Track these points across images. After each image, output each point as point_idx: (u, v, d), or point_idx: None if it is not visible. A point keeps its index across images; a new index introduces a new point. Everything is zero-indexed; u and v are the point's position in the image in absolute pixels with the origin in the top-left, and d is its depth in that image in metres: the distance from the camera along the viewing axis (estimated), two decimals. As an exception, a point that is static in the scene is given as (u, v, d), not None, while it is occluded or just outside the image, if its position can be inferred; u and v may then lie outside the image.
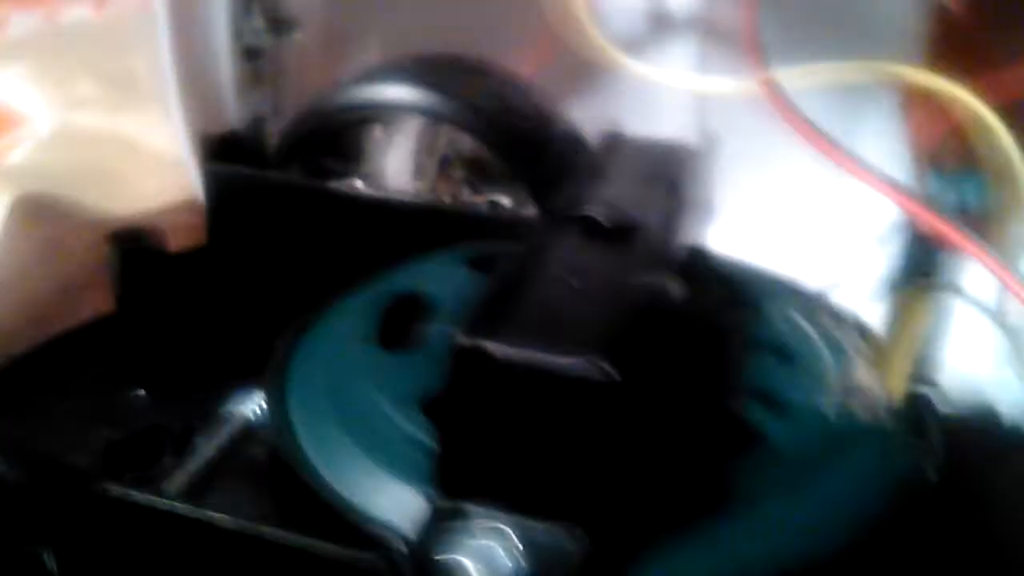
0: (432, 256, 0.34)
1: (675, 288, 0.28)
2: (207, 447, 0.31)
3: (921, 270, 0.33)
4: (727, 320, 0.30)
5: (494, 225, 0.39)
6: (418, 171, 0.46)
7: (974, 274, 0.31)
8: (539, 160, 0.43)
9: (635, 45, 0.66)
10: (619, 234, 0.27)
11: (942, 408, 0.33)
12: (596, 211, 0.27)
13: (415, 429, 0.25)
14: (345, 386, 0.28)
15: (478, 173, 0.47)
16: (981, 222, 0.38)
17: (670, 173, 0.31)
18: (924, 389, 0.33)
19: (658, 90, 0.57)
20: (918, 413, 0.29)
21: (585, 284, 0.24)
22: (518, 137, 0.44)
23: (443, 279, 0.32)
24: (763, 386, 0.28)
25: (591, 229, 0.27)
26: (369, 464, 0.25)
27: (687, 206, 0.30)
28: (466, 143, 0.46)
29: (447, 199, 0.45)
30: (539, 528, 0.22)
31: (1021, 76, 0.53)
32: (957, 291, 0.34)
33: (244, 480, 0.30)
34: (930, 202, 0.31)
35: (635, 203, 0.28)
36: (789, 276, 0.36)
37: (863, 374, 0.29)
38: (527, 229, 0.28)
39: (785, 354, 0.30)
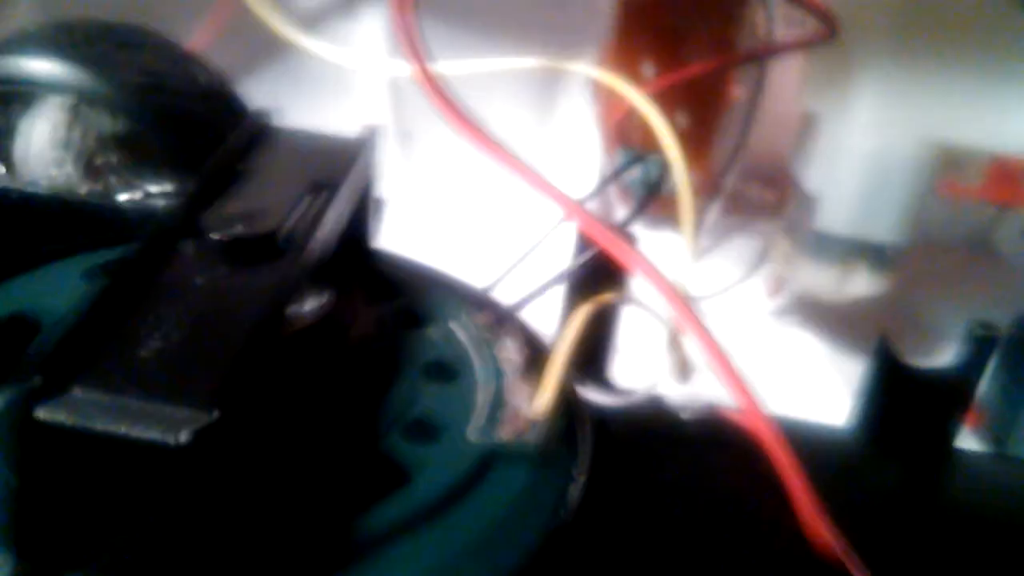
0: (47, 265, 0.30)
1: (313, 312, 0.25)
2: None
3: (592, 273, 0.32)
4: (380, 340, 0.27)
5: (130, 224, 0.34)
6: (58, 158, 0.41)
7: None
8: (200, 145, 0.39)
9: (325, 23, 0.63)
10: (242, 247, 0.23)
11: (607, 407, 0.33)
12: (215, 221, 0.24)
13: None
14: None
15: (132, 160, 0.41)
16: (665, 196, 0.38)
17: (327, 169, 0.28)
18: (589, 391, 0.33)
19: (349, 72, 0.54)
20: (571, 425, 0.27)
21: (185, 315, 0.21)
22: (175, 118, 0.40)
23: (55, 294, 0.28)
24: (415, 414, 0.26)
25: (207, 242, 0.23)
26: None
27: (342, 205, 0.27)
28: (117, 125, 0.41)
29: (90, 190, 0.40)
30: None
31: (694, 59, 0.54)
32: (622, 295, 0.33)
33: None
34: (589, 210, 0.30)
35: (271, 207, 0.25)
36: (453, 274, 0.34)
37: (515, 388, 0.27)
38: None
39: (442, 373, 0.28)
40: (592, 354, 0.36)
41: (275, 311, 0.22)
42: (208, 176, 0.26)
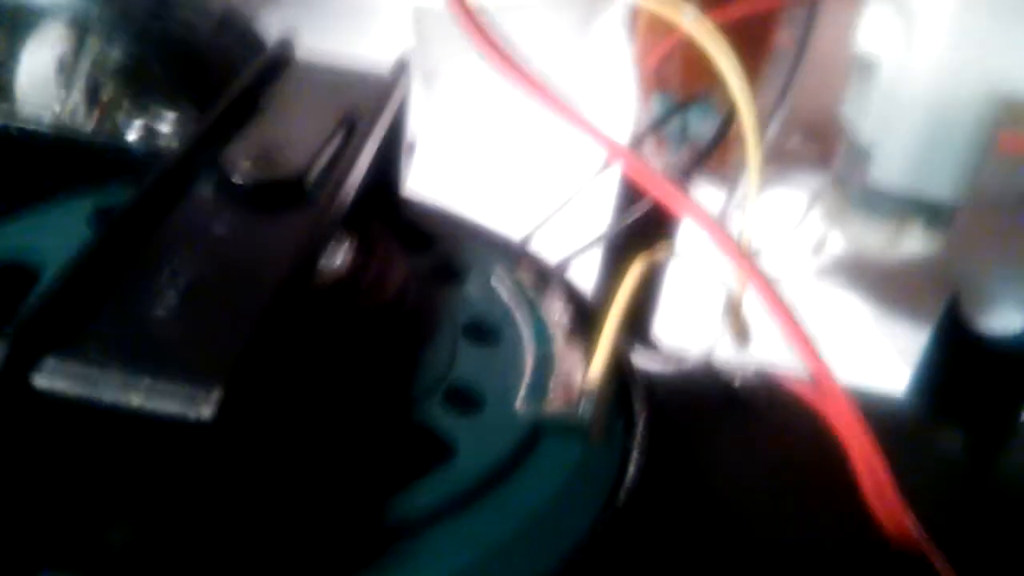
0: (50, 206, 0.27)
1: (343, 265, 0.22)
2: None
3: (639, 227, 0.29)
4: (416, 299, 0.25)
5: (139, 165, 0.31)
6: (62, 91, 0.38)
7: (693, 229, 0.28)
8: (213, 79, 0.36)
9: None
10: (267, 192, 0.21)
11: (659, 374, 0.30)
12: (235, 161, 0.21)
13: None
14: None
15: (140, 94, 0.39)
16: (707, 148, 0.35)
17: (358, 105, 0.25)
18: (640, 355, 0.30)
19: (372, 4, 0.50)
20: (624, 390, 0.25)
21: (203, 269, 0.18)
22: (185, 48, 0.37)
23: (57, 239, 0.25)
24: (456, 381, 0.23)
25: (227, 185, 0.21)
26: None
27: (373, 147, 0.25)
28: (124, 55, 0.38)
29: (96, 127, 0.37)
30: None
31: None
32: (674, 249, 0.30)
33: None
34: (640, 155, 0.27)
35: (296, 147, 0.22)
36: (493, 225, 0.31)
37: (565, 353, 0.24)
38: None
39: (483, 335, 0.25)
40: (637, 315, 0.34)
41: (305, 265, 0.19)
42: (226, 108, 0.23)
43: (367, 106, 0.25)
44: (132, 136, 0.38)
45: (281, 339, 0.17)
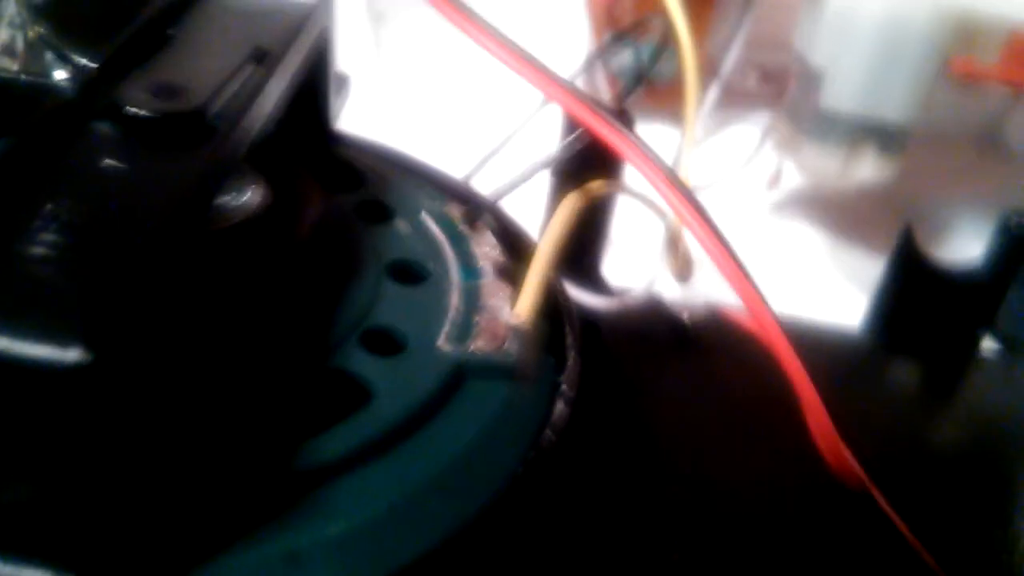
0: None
1: (252, 203, 0.21)
2: None
3: (583, 162, 0.28)
4: (337, 236, 0.24)
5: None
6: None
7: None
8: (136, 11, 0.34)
9: None
10: (164, 126, 0.19)
11: (603, 310, 0.30)
12: (133, 94, 0.20)
13: None
14: None
15: (65, 30, 0.37)
16: (659, 85, 0.34)
17: (271, 36, 0.23)
18: (582, 293, 0.29)
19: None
20: (557, 331, 0.24)
21: (87, 206, 0.17)
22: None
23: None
24: (378, 322, 0.22)
25: (123, 119, 0.19)
26: None
27: (283, 80, 0.23)
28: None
29: (22, 67, 0.36)
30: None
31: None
32: (615, 184, 0.29)
33: None
34: (576, 89, 0.25)
35: (200, 79, 0.21)
36: (426, 161, 0.30)
37: (493, 289, 0.23)
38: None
39: (409, 274, 0.24)
40: (582, 251, 0.33)
41: (196, 200, 0.18)
42: (129, 41, 0.22)
43: (282, 35, 0.23)
44: (60, 75, 0.36)
45: (168, 279, 0.16)
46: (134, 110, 0.19)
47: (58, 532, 0.15)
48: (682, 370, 0.31)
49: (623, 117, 0.28)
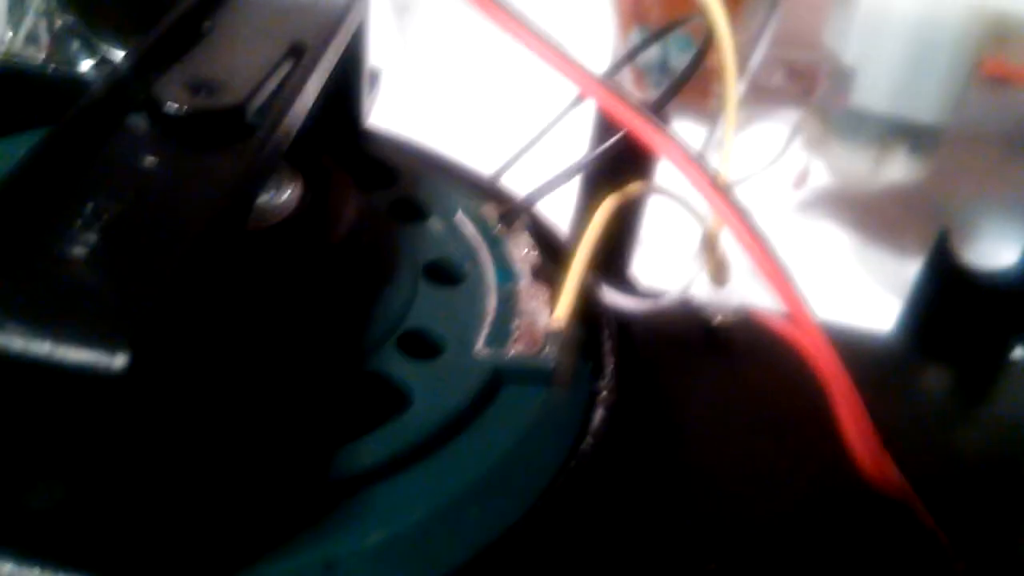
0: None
1: (290, 202, 0.21)
2: None
3: (615, 162, 0.27)
4: (372, 236, 0.23)
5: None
6: (13, 19, 0.36)
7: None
8: (161, 3, 0.34)
9: None
10: (202, 124, 0.19)
11: (634, 313, 0.29)
12: (169, 91, 0.19)
13: None
14: None
15: (95, 22, 0.37)
16: (680, 78, 0.33)
17: (307, 31, 0.23)
18: (614, 295, 0.29)
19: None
20: (593, 336, 0.24)
21: (128, 206, 0.16)
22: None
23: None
24: (415, 325, 0.22)
25: (160, 117, 0.19)
26: None
27: (321, 77, 0.23)
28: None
29: (49, 58, 0.36)
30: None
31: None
32: (651, 186, 0.29)
33: None
34: (612, 88, 0.25)
35: (237, 76, 0.20)
36: (462, 160, 0.30)
37: (530, 293, 0.23)
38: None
39: (444, 275, 0.24)
40: (614, 252, 0.32)
41: (239, 201, 0.17)
42: (164, 35, 0.21)
43: (319, 30, 0.23)
44: (86, 65, 0.36)
45: (211, 283, 0.16)
46: (172, 107, 0.19)
47: (94, 539, 0.15)
48: (714, 374, 0.30)
49: (662, 117, 0.27)
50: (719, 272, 0.29)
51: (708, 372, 0.30)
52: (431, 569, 0.18)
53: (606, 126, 0.30)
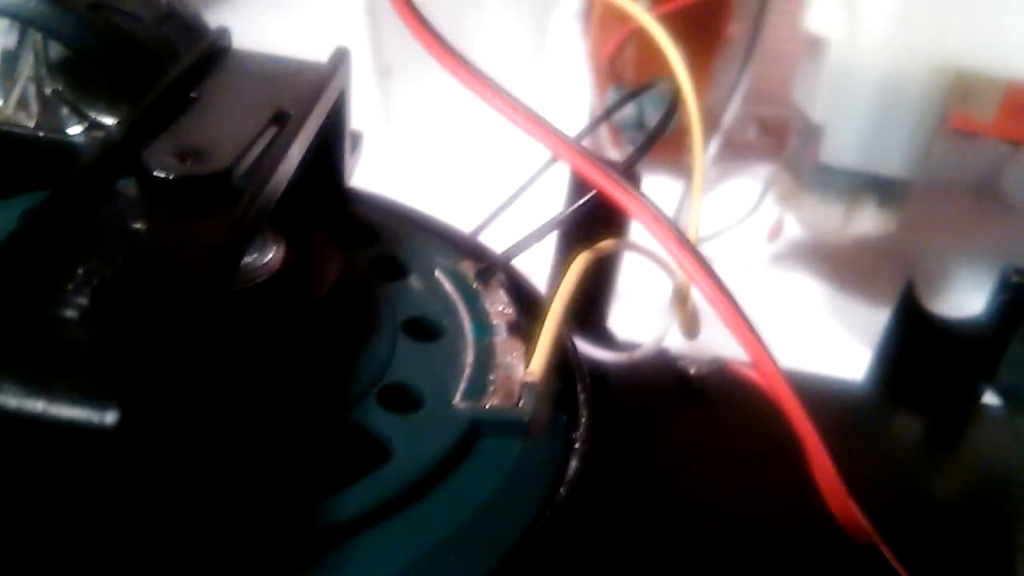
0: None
1: (273, 262, 0.22)
2: None
3: (590, 218, 0.28)
4: (353, 293, 0.24)
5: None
6: (3, 86, 0.37)
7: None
8: (151, 69, 0.35)
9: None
10: (190, 188, 0.20)
11: (611, 364, 0.30)
12: (158, 156, 0.20)
13: None
14: None
15: (84, 89, 0.38)
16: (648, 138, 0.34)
17: (291, 97, 0.24)
18: (591, 347, 0.30)
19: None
20: (569, 387, 0.24)
21: (118, 269, 0.17)
22: (129, 41, 0.36)
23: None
24: (395, 379, 0.22)
25: (152, 182, 0.20)
26: None
27: (305, 141, 0.24)
28: (68, 49, 0.37)
29: (39, 123, 0.36)
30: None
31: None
32: (623, 242, 0.30)
33: None
34: (583, 148, 0.26)
35: (224, 141, 0.21)
36: (442, 218, 0.31)
37: (507, 346, 0.24)
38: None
39: (424, 330, 0.24)
40: (589, 305, 0.33)
41: (225, 264, 0.18)
42: (153, 103, 0.22)
43: (302, 97, 0.24)
44: (75, 131, 0.37)
45: (197, 342, 0.17)
46: (160, 173, 0.20)
47: None
48: (689, 423, 0.31)
49: (631, 177, 0.29)
50: (690, 324, 0.30)
51: (684, 421, 0.31)
52: None
53: (581, 184, 0.31)
